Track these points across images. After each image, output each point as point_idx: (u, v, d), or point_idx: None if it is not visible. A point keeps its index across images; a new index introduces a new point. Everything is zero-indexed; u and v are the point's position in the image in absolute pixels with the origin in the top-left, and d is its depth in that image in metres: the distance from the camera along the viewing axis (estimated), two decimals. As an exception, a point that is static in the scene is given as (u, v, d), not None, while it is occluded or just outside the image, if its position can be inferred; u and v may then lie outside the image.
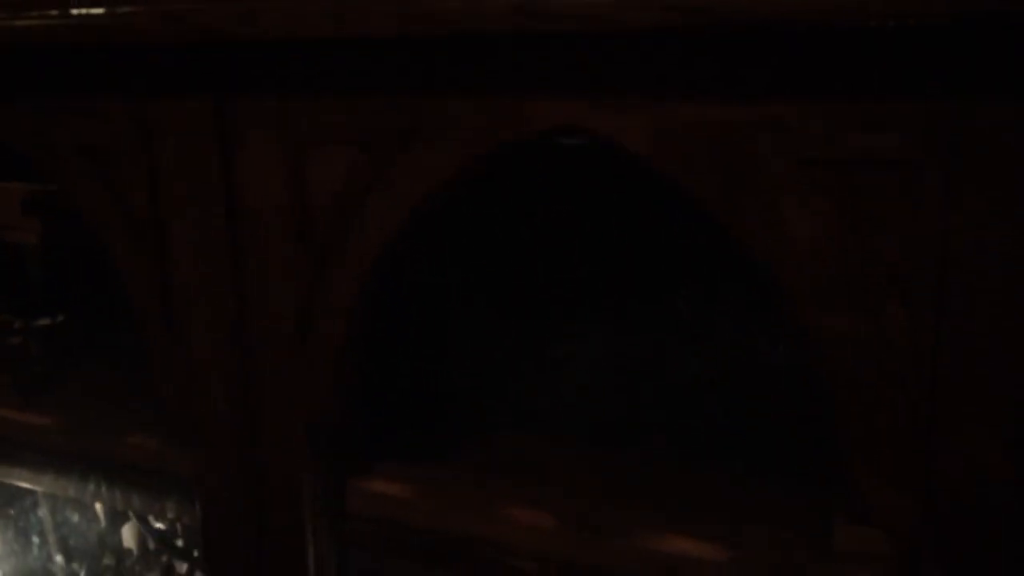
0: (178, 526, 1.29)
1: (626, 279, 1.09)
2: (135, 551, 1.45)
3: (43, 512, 1.47)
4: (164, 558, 1.42)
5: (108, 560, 1.43)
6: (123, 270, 0.94)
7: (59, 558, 1.31)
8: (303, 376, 0.89)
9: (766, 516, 0.86)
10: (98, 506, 1.44)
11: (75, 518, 1.39)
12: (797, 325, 0.66)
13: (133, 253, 0.93)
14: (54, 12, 0.85)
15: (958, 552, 0.66)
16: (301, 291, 0.86)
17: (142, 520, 1.30)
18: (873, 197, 0.63)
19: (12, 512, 1.48)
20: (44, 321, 1.27)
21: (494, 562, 0.88)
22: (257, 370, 0.91)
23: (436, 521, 0.91)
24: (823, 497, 0.82)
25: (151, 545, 1.40)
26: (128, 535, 1.48)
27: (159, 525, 1.39)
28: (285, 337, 0.88)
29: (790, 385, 1.05)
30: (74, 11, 0.84)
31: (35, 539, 1.47)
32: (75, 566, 1.36)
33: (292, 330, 0.88)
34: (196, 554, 1.32)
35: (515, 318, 1.10)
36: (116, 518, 1.42)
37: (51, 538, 1.45)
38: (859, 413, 0.66)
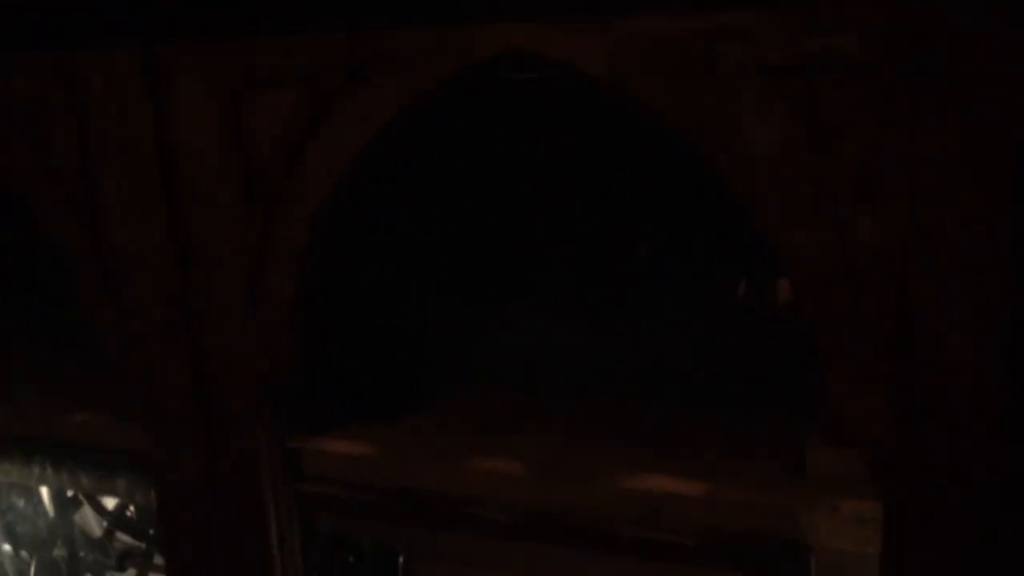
0: (131, 505, 1.24)
1: (587, 224, 1.07)
2: (88, 539, 1.40)
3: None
4: (119, 544, 1.37)
5: (60, 551, 1.38)
6: (53, 232, 0.89)
7: (6, 547, 1.26)
8: (254, 333, 0.85)
9: (743, 452, 0.85)
10: (45, 492, 1.39)
11: (21, 504, 1.34)
12: (766, 241, 0.65)
13: (63, 213, 0.88)
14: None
15: (931, 462, 0.65)
16: (247, 244, 0.82)
17: (92, 500, 1.25)
18: (836, 103, 0.61)
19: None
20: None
21: (463, 515, 0.86)
22: (204, 330, 0.87)
23: (400, 478, 0.89)
24: (799, 431, 0.81)
25: (103, 527, 1.36)
26: (81, 522, 1.42)
27: (111, 504, 1.34)
28: (233, 294, 0.84)
29: (759, 325, 1.04)
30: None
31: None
32: (24, 555, 1.30)
33: (240, 286, 0.84)
34: (151, 532, 1.28)
35: (476, 268, 1.07)
36: (67, 506, 1.37)
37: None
38: (832, 325, 0.64)
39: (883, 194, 0.61)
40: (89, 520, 1.42)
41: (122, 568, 1.37)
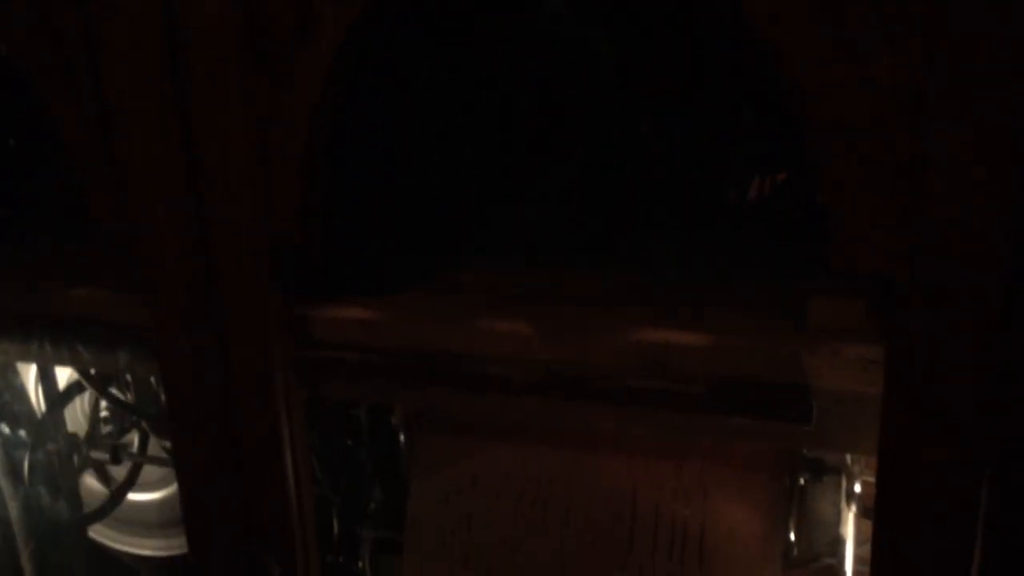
0: (129, 379, 1.24)
1: (593, 105, 1.07)
2: (81, 431, 1.40)
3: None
4: (113, 435, 1.37)
5: (52, 445, 1.38)
6: (51, 97, 0.87)
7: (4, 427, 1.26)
8: (261, 197, 0.85)
9: (747, 310, 0.87)
10: (32, 387, 1.38)
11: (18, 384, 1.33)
12: (779, 79, 0.66)
13: (62, 77, 0.86)
14: None
15: (938, 297, 0.68)
16: (254, 102, 0.81)
17: (86, 376, 1.24)
18: (857, -65, 0.62)
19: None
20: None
21: (471, 374, 0.88)
22: (210, 193, 0.86)
23: (410, 340, 0.90)
24: (801, 293, 0.83)
25: (96, 421, 1.36)
26: (73, 416, 1.43)
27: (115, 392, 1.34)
28: (239, 155, 0.83)
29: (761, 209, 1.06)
30: None
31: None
32: (23, 435, 1.30)
33: (247, 147, 0.83)
34: (146, 422, 1.28)
35: (485, 141, 1.07)
36: (59, 400, 1.37)
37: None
38: (845, 161, 0.66)
39: (901, 27, 0.62)
40: (81, 414, 1.43)
41: (117, 460, 1.37)
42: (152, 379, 1.23)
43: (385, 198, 1.06)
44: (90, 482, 1.51)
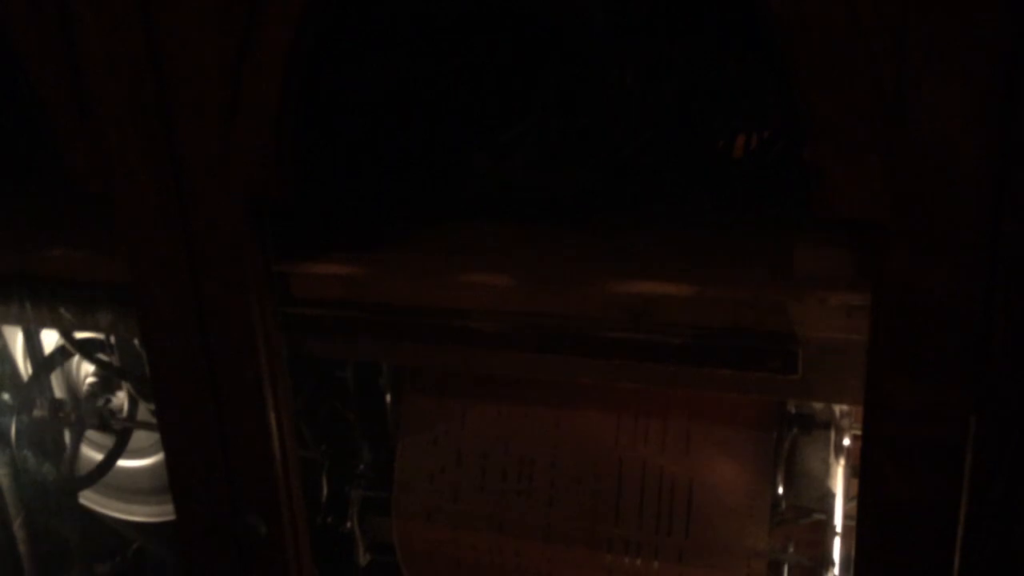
0: (112, 339, 1.24)
1: (575, 55, 1.05)
2: (68, 398, 1.39)
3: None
4: (101, 402, 1.37)
5: (39, 411, 1.37)
6: (22, 52, 0.85)
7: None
8: (237, 146, 0.83)
9: (730, 261, 0.86)
10: (20, 351, 1.37)
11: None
12: (765, 17, 0.64)
13: (31, 20, 0.84)
14: None
15: (923, 239, 0.66)
16: (227, 46, 0.79)
17: (69, 339, 1.23)
18: None
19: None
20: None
21: (453, 328, 0.86)
22: (184, 144, 0.84)
23: (388, 295, 0.89)
24: (786, 244, 0.82)
25: (84, 386, 1.35)
26: (60, 381, 1.42)
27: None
28: (213, 103, 0.82)
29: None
30: None
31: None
32: (6, 399, 1.29)
33: (221, 94, 0.81)
34: (137, 374, 1.26)
35: (469, 98, 1.06)
36: (45, 365, 1.36)
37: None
38: (828, 97, 0.64)
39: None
40: (68, 379, 1.42)
41: (105, 427, 1.37)
42: (136, 342, 1.22)
43: (367, 156, 1.04)
44: (81, 448, 1.50)
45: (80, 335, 1.29)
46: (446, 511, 1.06)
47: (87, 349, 1.24)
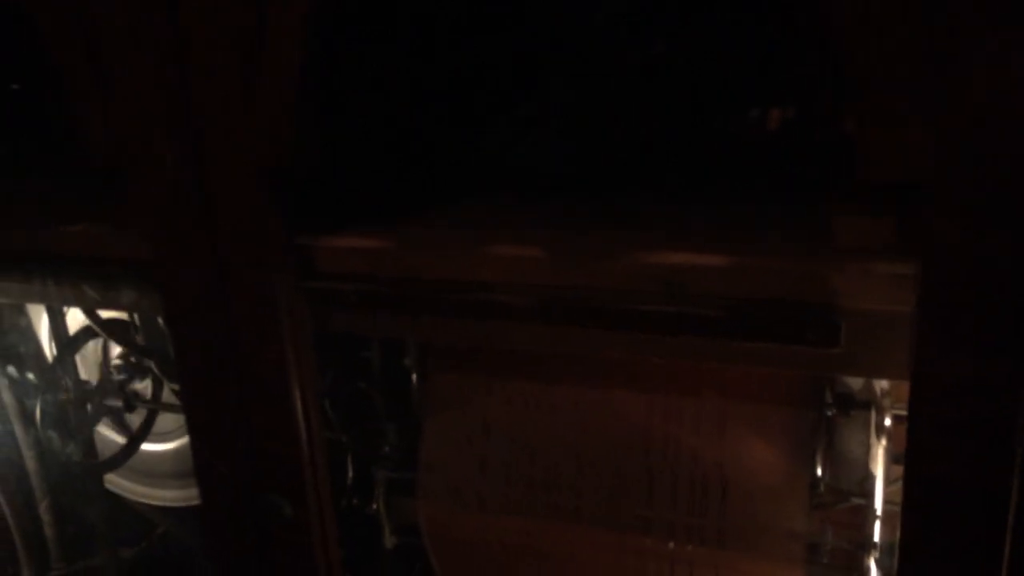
0: (135, 318, 1.22)
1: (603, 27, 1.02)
2: (93, 380, 1.38)
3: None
4: (124, 381, 1.36)
5: (64, 393, 1.36)
6: (40, 20, 0.84)
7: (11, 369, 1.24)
8: (256, 121, 0.81)
9: (767, 230, 0.82)
10: (45, 333, 1.36)
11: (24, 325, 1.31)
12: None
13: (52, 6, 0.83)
14: None
15: (971, 200, 0.63)
16: (249, 11, 0.77)
17: (91, 316, 1.22)
18: None
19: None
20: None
21: (479, 301, 0.84)
22: (205, 121, 0.82)
23: (414, 269, 0.86)
24: (824, 212, 0.78)
25: (108, 368, 1.34)
26: (84, 363, 1.41)
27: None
28: (234, 71, 0.80)
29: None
30: None
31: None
32: (31, 378, 1.29)
33: (242, 62, 0.79)
34: (161, 353, 1.25)
35: (490, 68, 1.03)
36: (69, 346, 1.35)
37: None
38: (873, 60, 0.61)
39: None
40: (93, 361, 1.41)
41: (130, 408, 1.36)
42: (160, 321, 1.20)
43: (389, 130, 1.02)
44: (105, 432, 1.50)
45: (105, 315, 1.28)
46: (472, 492, 1.04)
47: (111, 329, 1.23)
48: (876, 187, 0.69)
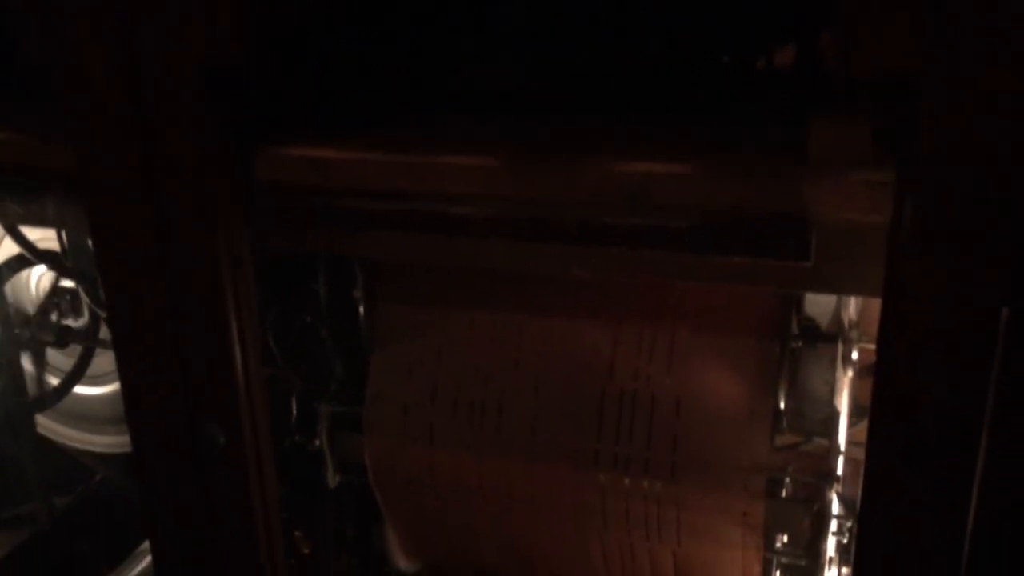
0: (63, 237, 1.15)
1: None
2: (23, 315, 1.31)
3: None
4: (55, 316, 1.29)
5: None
6: None
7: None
8: (193, 10, 0.75)
9: (739, 139, 0.78)
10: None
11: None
12: None
13: None
14: None
15: (957, 97, 0.59)
16: None
17: (12, 232, 1.14)
18: None
19: None
20: None
21: (432, 215, 0.79)
22: (137, 12, 0.76)
23: (365, 179, 0.80)
24: (799, 124, 0.74)
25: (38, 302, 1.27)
26: (13, 296, 1.33)
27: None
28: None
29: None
30: None
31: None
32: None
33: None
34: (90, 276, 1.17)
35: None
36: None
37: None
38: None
39: None
40: (22, 294, 1.34)
41: (63, 344, 1.29)
42: (89, 243, 1.13)
43: (341, 42, 0.96)
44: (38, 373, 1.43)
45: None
46: (422, 428, 0.99)
47: (41, 254, 1.16)
48: (859, 88, 0.65)
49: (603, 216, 0.74)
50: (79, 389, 1.40)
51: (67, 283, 1.28)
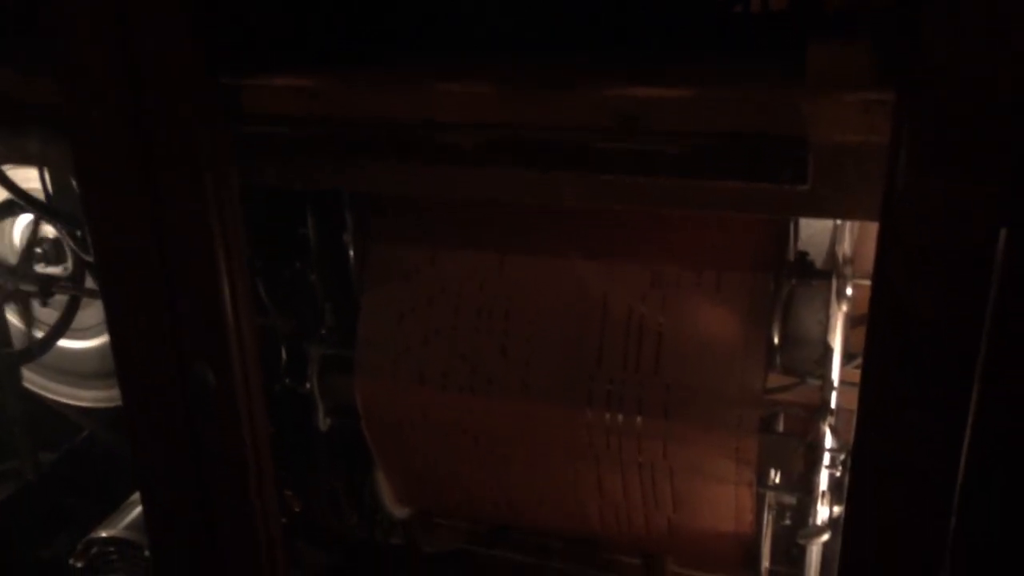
0: (46, 177, 1.13)
1: None
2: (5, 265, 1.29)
3: None
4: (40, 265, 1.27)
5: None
6: None
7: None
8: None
9: (733, 70, 0.77)
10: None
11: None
12: None
13: None
14: None
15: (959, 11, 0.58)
16: None
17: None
18: None
19: None
20: None
21: (422, 142, 0.77)
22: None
23: (354, 107, 0.79)
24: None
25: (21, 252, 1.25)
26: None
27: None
28: None
29: None
30: None
31: None
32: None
33: None
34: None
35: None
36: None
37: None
38: None
39: None
40: (4, 244, 1.32)
41: (48, 294, 1.27)
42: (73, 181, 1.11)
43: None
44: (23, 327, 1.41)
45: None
46: (413, 366, 0.98)
47: (25, 196, 1.14)
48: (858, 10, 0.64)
49: (596, 142, 0.73)
50: (65, 343, 1.39)
51: (50, 232, 1.26)
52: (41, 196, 1.17)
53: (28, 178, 1.17)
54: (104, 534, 1.21)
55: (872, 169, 0.67)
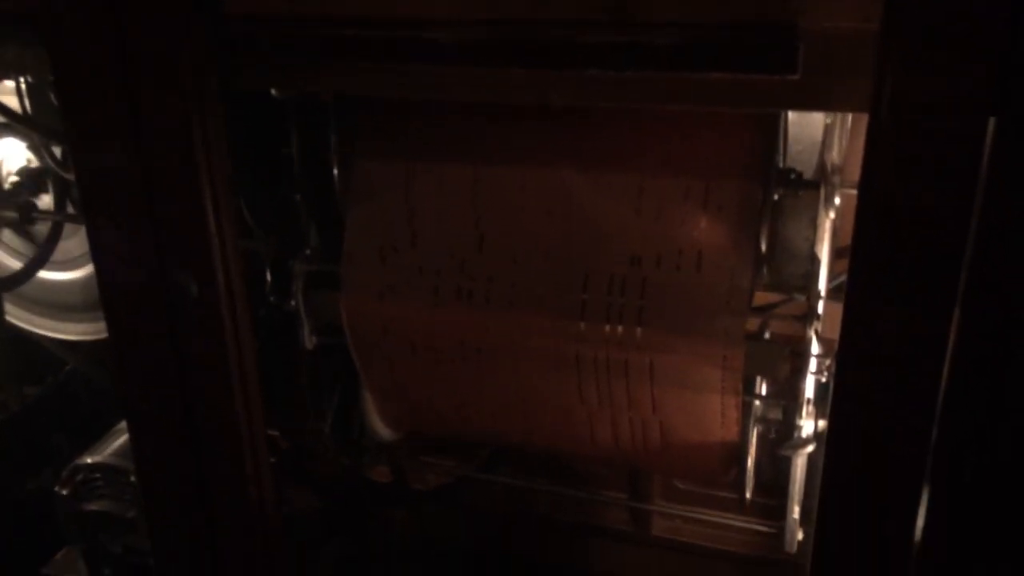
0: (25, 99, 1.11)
1: None
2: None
3: None
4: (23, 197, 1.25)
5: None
6: None
7: None
8: None
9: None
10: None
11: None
12: None
13: None
14: None
15: None
16: None
17: None
18: None
19: None
20: None
21: (406, 40, 0.76)
22: None
23: (336, 6, 0.77)
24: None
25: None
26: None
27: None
28: None
29: None
30: None
31: None
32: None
33: None
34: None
35: None
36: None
37: None
38: None
39: None
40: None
41: (29, 220, 1.25)
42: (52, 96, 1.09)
43: None
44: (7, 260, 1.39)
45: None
46: (399, 280, 0.97)
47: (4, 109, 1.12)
48: None
49: (581, 36, 0.71)
50: (48, 275, 1.37)
51: (33, 160, 1.25)
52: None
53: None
54: (89, 460, 1.21)
55: (863, 58, 0.66)
